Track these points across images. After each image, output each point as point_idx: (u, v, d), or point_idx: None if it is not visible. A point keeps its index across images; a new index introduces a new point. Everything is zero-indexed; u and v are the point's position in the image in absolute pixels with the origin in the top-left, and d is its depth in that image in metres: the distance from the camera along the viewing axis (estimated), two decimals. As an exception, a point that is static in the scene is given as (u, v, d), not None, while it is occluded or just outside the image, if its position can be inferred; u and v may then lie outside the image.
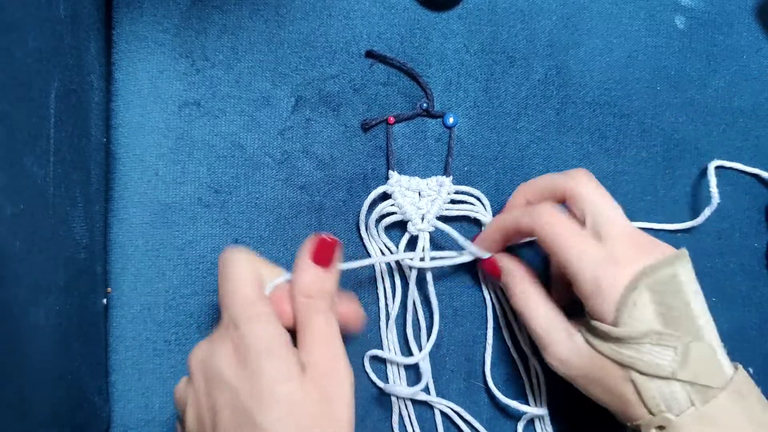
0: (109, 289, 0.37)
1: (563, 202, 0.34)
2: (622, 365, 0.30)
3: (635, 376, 0.30)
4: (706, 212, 0.40)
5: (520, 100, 0.40)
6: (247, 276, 0.29)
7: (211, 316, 0.37)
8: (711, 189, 0.40)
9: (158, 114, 0.37)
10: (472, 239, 0.37)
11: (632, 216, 0.41)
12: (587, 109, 0.41)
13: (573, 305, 0.34)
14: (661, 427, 0.30)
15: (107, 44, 0.37)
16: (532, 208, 0.34)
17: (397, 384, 0.38)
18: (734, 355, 0.42)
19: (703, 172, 0.42)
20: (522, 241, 0.38)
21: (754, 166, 0.42)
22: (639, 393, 0.30)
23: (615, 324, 0.30)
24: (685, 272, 0.31)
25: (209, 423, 0.27)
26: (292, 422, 0.25)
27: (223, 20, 0.38)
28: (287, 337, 0.28)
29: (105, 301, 0.37)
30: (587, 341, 0.31)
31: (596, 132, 0.41)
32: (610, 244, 0.31)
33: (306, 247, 0.30)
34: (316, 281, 0.30)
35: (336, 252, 0.31)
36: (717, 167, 0.41)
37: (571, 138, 0.41)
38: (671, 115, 0.42)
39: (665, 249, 0.32)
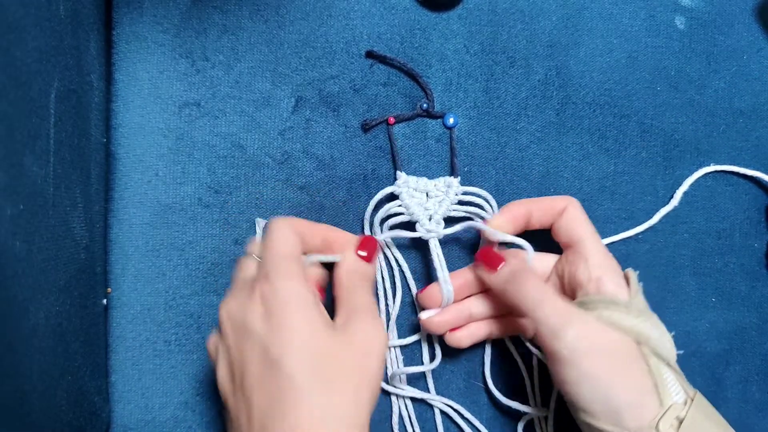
0: (109, 289, 0.37)
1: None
2: (638, 342, 0.31)
3: (650, 354, 0.30)
4: (662, 212, 0.41)
5: (521, 101, 0.40)
6: (289, 237, 0.31)
7: (212, 317, 0.37)
8: (678, 190, 0.41)
9: (158, 114, 0.37)
10: (479, 252, 0.36)
11: (632, 216, 0.41)
12: (587, 109, 0.41)
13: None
14: (678, 419, 0.29)
15: (107, 44, 0.37)
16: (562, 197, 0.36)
17: (401, 368, 0.38)
18: (734, 354, 0.43)
19: (704, 174, 0.42)
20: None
21: (754, 167, 0.42)
22: (653, 375, 0.30)
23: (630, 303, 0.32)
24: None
25: (240, 371, 0.28)
26: (319, 370, 0.26)
27: (223, 20, 0.38)
28: (317, 297, 0.29)
29: (105, 301, 0.37)
30: (600, 318, 0.31)
31: (596, 132, 0.41)
32: (597, 274, 0.34)
33: (353, 244, 0.33)
34: (361, 270, 0.33)
35: (377, 249, 0.34)
36: (716, 170, 0.42)
37: (571, 138, 0.41)
38: (671, 115, 0.42)
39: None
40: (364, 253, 0.33)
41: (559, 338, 0.30)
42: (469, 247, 0.39)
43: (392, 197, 0.38)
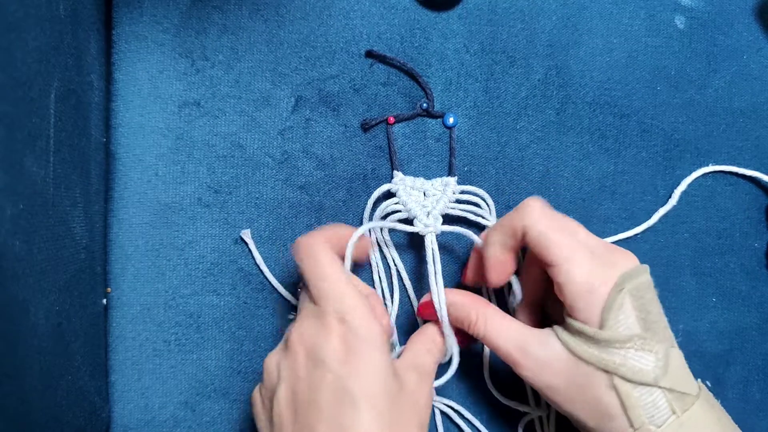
0: (109, 289, 0.37)
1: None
2: (605, 371, 0.29)
3: (619, 382, 0.29)
4: (661, 211, 0.41)
5: (520, 100, 0.40)
6: (334, 264, 0.31)
7: (211, 317, 0.37)
8: (676, 189, 0.41)
9: (158, 114, 0.37)
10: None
11: (632, 216, 0.41)
12: (587, 109, 0.41)
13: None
14: None
15: (107, 44, 0.37)
16: (522, 205, 0.32)
17: None
18: (735, 355, 0.43)
19: (703, 174, 0.42)
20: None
21: (754, 167, 0.42)
22: (622, 402, 0.29)
23: (600, 327, 0.29)
24: (651, 282, 0.32)
25: (306, 397, 0.28)
26: (387, 412, 0.27)
27: (223, 20, 0.38)
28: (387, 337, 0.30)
29: (105, 301, 0.37)
30: (567, 347, 0.30)
31: (596, 132, 0.41)
32: (592, 250, 0.31)
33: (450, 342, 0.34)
34: (441, 352, 0.34)
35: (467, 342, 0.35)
36: (716, 170, 0.42)
37: (571, 138, 0.41)
38: (671, 115, 0.42)
39: (633, 256, 0.32)
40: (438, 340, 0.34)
41: (521, 366, 0.31)
42: (469, 246, 0.39)
43: (390, 195, 0.38)
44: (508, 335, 0.32)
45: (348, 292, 0.30)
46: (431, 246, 0.35)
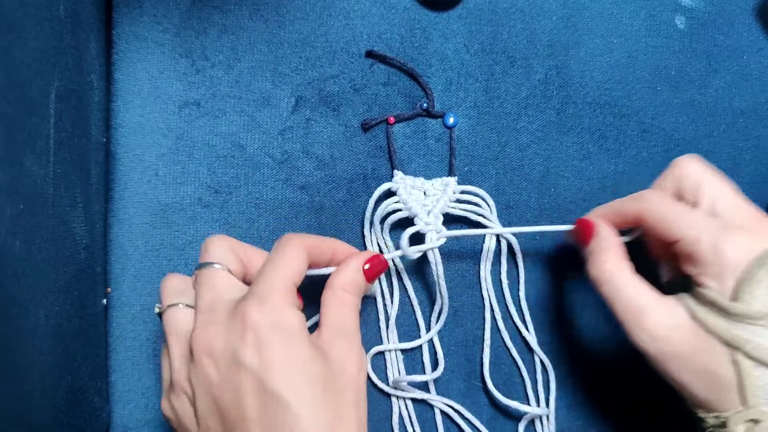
0: (109, 289, 0.37)
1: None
2: (729, 345, 0.28)
3: (741, 359, 0.27)
4: None
5: (521, 100, 0.40)
6: (296, 268, 0.29)
7: (211, 316, 0.37)
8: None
9: (158, 114, 0.37)
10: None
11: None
12: (587, 109, 0.41)
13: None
14: (754, 421, 0.27)
15: (107, 44, 0.37)
16: (639, 194, 0.33)
17: (403, 376, 0.38)
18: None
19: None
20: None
21: (754, 167, 0.42)
22: (741, 378, 0.27)
23: (733, 299, 0.28)
24: None
25: (233, 405, 0.27)
26: (318, 398, 0.26)
27: (223, 20, 0.38)
28: (300, 307, 0.29)
29: (105, 301, 0.37)
30: (693, 316, 0.29)
31: (596, 132, 0.41)
32: (729, 218, 0.30)
33: (363, 255, 0.32)
34: (358, 282, 0.32)
35: (382, 270, 0.33)
36: (715, 165, 0.41)
37: (571, 138, 0.41)
38: (671, 115, 0.42)
39: None
40: (367, 266, 0.32)
41: (637, 327, 0.30)
42: (469, 247, 0.39)
43: (390, 194, 0.38)
44: (631, 286, 0.30)
45: (283, 286, 0.28)
46: (433, 244, 0.36)
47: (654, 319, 0.29)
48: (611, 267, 0.31)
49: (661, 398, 0.40)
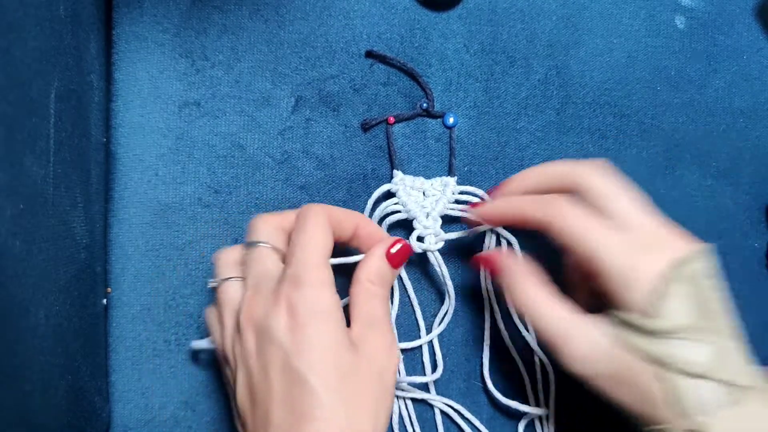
0: (109, 289, 0.37)
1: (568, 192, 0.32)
2: (652, 362, 0.28)
3: (666, 373, 0.27)
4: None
5: (520, 101, 0.40)
6: (325, 235, 0.30)
7: (211, 316, 0.37)
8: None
9: (158, 114, 0.37)
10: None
11: (632, 216, 0.41)
12: (587, 109, 0.41)
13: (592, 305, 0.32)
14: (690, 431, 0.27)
15: (107, 44, 0.37)
16: (542, 199, 0.31)
17: (403, 377, 0.38)
18: (734, 355, 0.42)
19: (704, 174, 0.42)
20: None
21: (754, 167, 0.42)
22: (669, 392, 0.27)
23: (649, 316, 0.28)
24: (715, 267, 0.29)
25: (260, 379, 0.27)
26: (342, 388, 0.26)
27: (223, 20, 0.38)
28: (342, 309, 0.29)
29: (105, 301, 0.37)
30: (615, 335, 0.29)
31: (596, 132, 0.41)
32: (638, 232, 0.29)
33: (385, 242, 0.32)
34: (384, 271, 0.31)
35: (408, 255, 0.33)
36: (715, 165, 0.42)
37: (571, 138, 0.41)
38: (671, 115, 0.42)
39: (695, 240, 0.30)
40: (394, 250, 0.31)
41: (561, 354, 0.30)
42: (469, 247, 0.39)
43: (390, 195, 0.38)
44: (549, 314, 0.30)
45: (316, 263, 0.29)
46: (432, 248, 0.36)
47: (577, 344, 0.29)
48: (527, 299, 0.31)
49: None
